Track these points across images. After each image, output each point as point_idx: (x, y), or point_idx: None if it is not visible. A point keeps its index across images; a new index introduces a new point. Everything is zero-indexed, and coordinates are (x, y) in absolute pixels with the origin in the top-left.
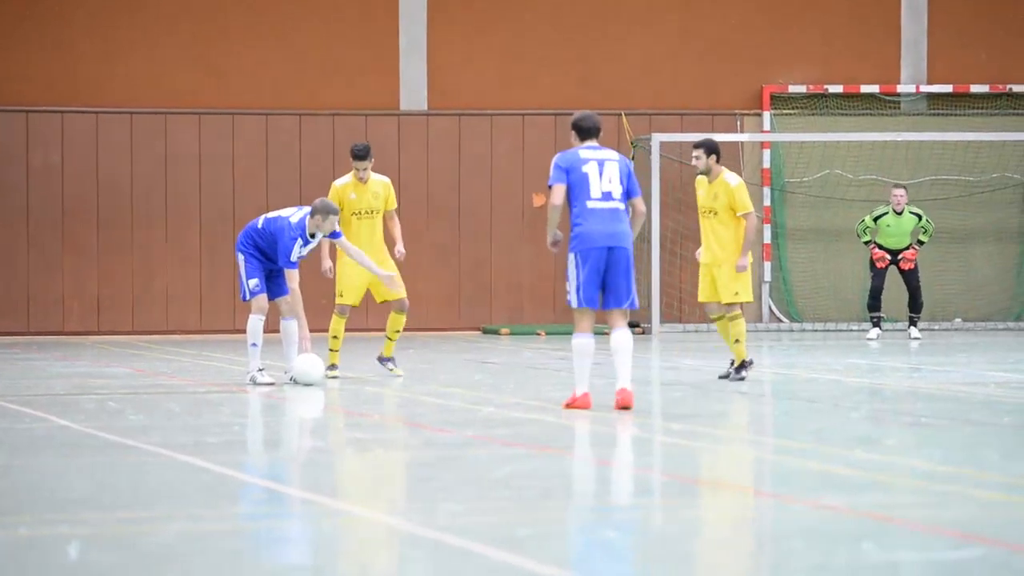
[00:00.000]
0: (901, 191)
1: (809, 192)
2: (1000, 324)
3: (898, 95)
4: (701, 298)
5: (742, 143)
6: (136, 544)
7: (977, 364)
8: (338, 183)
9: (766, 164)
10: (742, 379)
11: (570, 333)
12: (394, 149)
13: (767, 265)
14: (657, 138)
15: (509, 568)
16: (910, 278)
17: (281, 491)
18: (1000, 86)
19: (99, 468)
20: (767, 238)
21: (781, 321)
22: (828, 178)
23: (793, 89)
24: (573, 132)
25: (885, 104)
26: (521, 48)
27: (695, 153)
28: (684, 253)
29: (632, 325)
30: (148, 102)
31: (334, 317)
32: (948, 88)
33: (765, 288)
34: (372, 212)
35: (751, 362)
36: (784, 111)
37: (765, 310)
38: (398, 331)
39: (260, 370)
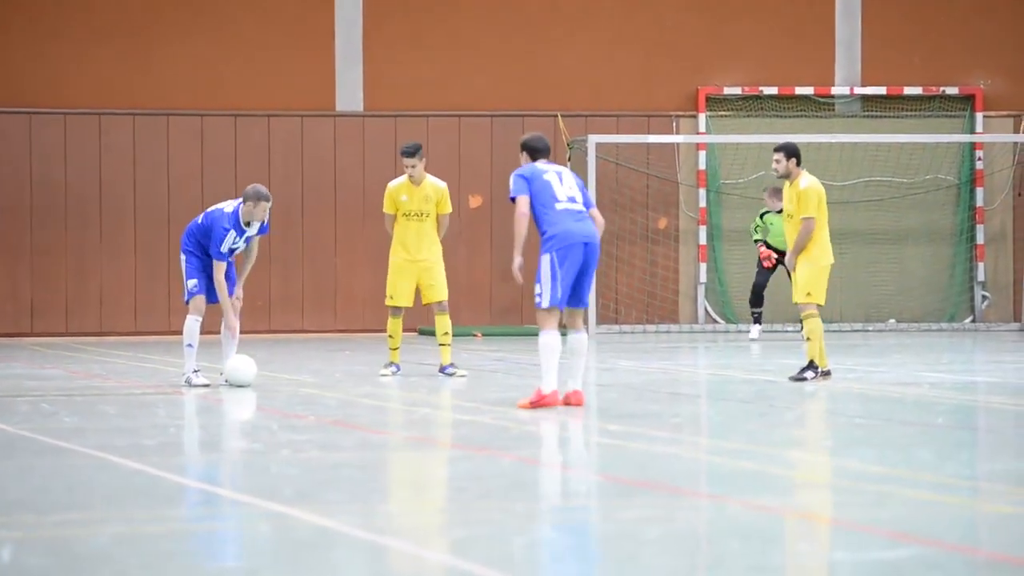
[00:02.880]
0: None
1: (744, 193)
2: (934, 325)
3: (832, 97)
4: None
5: (678, 145)
6: (71, 547)
7: (911, 365)
8: (392, 183)
9: (701, 166)
10: (803, 379)
11: (506, 335)
12: (330, 150)
13: (703, 266)
14: (593, 139)
15: (446, 569)
16: None
17: (217, 493)
18: (933, 88)
19: (33, 470)
20: (702, 239)
21: (716, 322)
22: (763, 179)
23: (728, 91)
24: (524, 153)
25: (819, 106)
26: (457, 49)
27: (775, 157)
28: (620, 254)
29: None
30: (82, 102)
31: (389, 319)
32: (882, 90)
33: (701, 289)
34: (422, 215)
35: (816, 367)
36: (719, 113)
37: (701, 311)
38: (447, 333)
39: (195, 371)
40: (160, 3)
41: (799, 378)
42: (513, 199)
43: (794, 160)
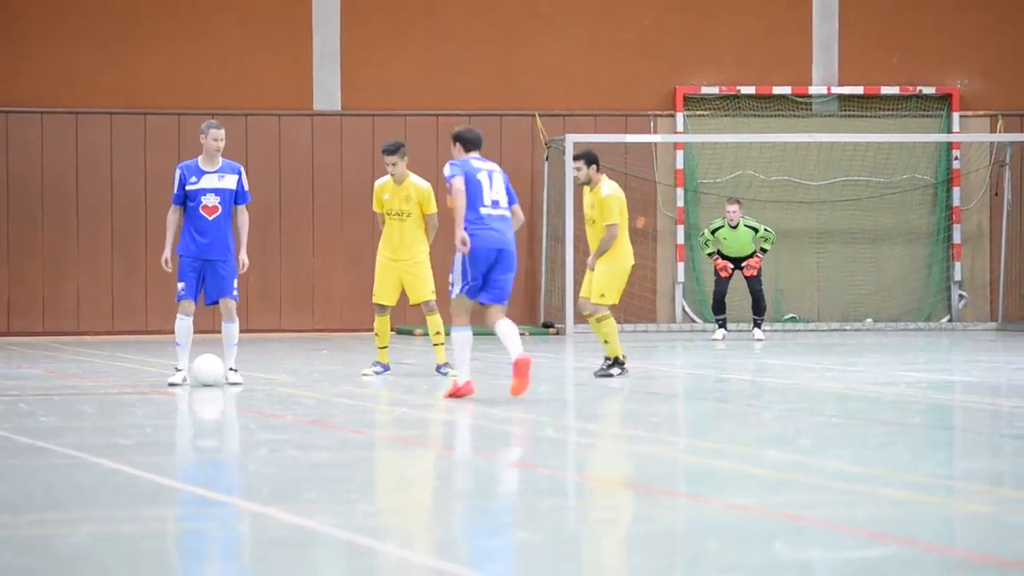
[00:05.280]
0: (734, 207)
1: (722, 193)
2: (911, 324)
3: (810, 96)
4: (581, 293)
5: (655, 144)
6: (49, 546)
7: (888, 364)
8: (377, 182)
9: (679, 165)
10: (610, 376)
11: (483, 334)
12: (307, 149)
13: (680, 266)
14: (571, 139)
15: (422, 569)
16: (752, 283)
17: (194, 492)
18: (910, 88)
19: (10, 470)
20: (680, 239)
21: (694, 321)
22: (741, 179)
23: (706, 90)
24: (458, 144)
25: (797, 105)
26: (435, 49)
27: (575, 164)
28: None
29: (547, 326)
30: (59, 102)
31: (375, 316)
32: (859, 90)
33: (679, 289)
34: (403, 214)
35: (623, 364)
36: (697, 112)
37: (678, 310)
38: (439, 333)
39: (178, 370)
40: (137, 2)
41: (604, 374)
42: (449, 180)
43: (594, 167)
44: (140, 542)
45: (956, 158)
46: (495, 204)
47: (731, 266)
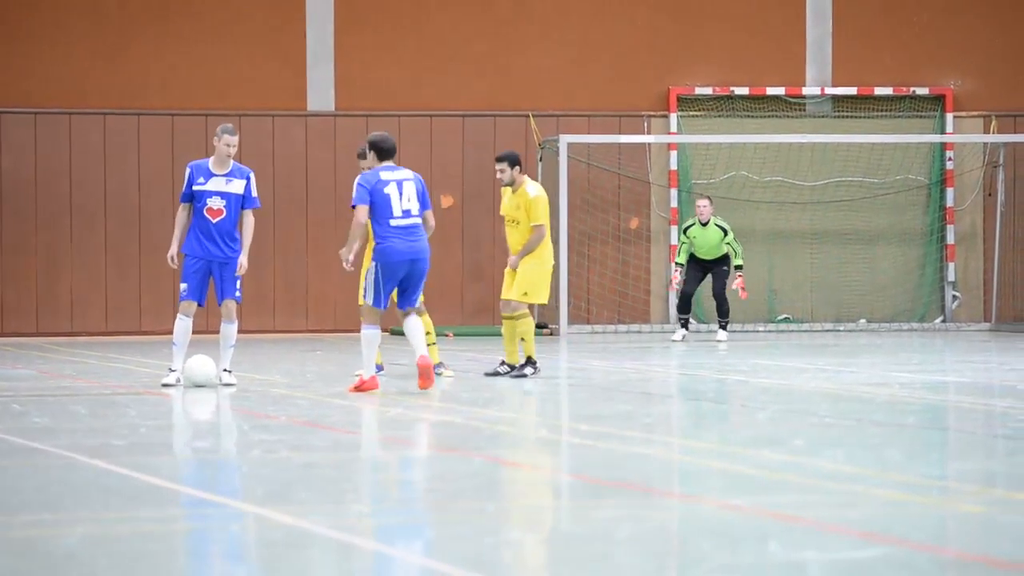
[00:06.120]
0: (704, 202)
1: (716, 193)
2: (904, 325)
3: (803, 97)
4: (502, 295)
5: (649, 145)
6: (41, 547)
7: (881, 365)
8: None
9: (673, 166)
10: (523, 376)
11: (479, 335)
12: (301, 150)
13: (674, 267)
14: (565, 139)
15: (418, 569)
16: (717, 287)
17: (188, 493)
18: (904, 89)
19: (3, 471)
20: (673, 239)
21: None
22: (734, 179)
23: (699, 91)
24: (372, 153)
25: (790, 106)
26: (429, 49)
27: (499, 167)
28: (591, 254)
29: (540, 327)
30: (52, 102)
31: None
32: (852, 90)
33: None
34: None
35: (536, 363)
36: (690, 113)
37: (673, 311)
38: (430, 333)
39: (171, 370)
40: (131, 2)
41: (519, 375)
42: (354, 207)
43: (518, 168)
44: (133, 543)
45: (950, 159)
46: (406, 213)
47: (678, 281)
